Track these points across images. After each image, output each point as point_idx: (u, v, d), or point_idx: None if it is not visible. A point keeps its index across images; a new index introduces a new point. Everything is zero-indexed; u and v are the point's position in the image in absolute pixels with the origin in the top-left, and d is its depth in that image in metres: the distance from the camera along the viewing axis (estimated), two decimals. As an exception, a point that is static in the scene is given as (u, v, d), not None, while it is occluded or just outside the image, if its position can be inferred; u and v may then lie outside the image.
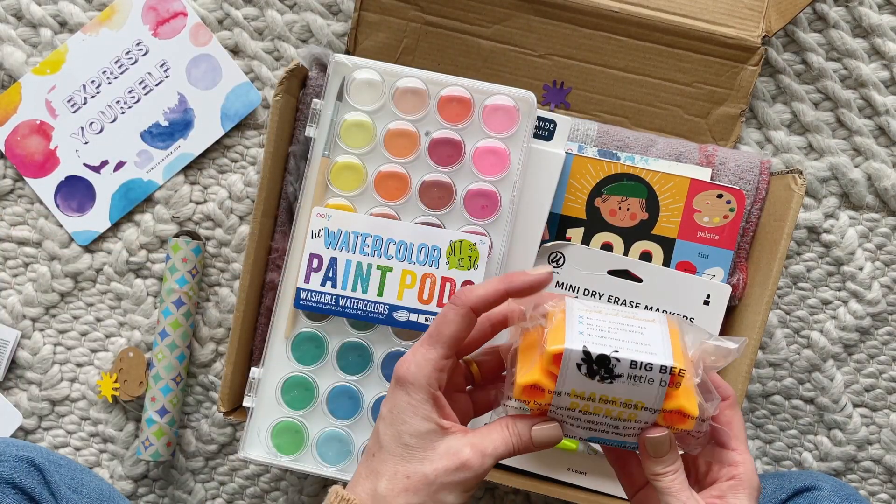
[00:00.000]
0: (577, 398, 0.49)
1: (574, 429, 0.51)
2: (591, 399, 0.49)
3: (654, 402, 0.49)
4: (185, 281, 0.79)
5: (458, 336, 0.51)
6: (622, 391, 0.49)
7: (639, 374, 0.48)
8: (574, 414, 0.50)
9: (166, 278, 0.80)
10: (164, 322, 0.79)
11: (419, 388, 0.50)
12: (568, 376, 0.49)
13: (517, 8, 0.77)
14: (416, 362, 0.50)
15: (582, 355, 0.48)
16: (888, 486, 0.83)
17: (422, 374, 0.50)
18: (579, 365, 0.48)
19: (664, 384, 0.49)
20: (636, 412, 0.49)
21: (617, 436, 0.51)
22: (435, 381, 0.50)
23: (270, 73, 0.81)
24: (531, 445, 0.51)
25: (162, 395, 0.79)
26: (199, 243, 0.80)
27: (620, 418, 0.50)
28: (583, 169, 0.73)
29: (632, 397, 0.49)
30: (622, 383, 0.49)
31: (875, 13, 0.79)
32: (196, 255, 0.80)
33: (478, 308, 0.51)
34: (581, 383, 0.49)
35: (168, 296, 0.79)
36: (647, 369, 0.48)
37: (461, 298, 0.51)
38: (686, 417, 0.49)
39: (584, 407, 0.49)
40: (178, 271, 0.79)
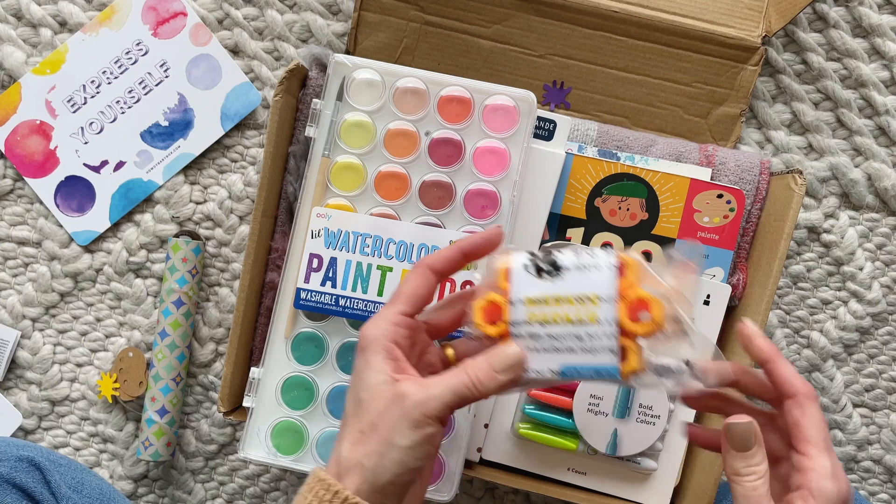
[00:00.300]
0: (531, 305, 0.49)
1: (541, 356, 0.49)
2: (545, 302, 0.48)
3: (608, 287, 0.47)
4: (185, 281, 0.79)
5: (416, 292, 0.51)
6: (573, 285, 0.48)
7: (585, 262, 0.48)
8: (535, 330, 0.49)
9: (166, 278, 0.80)
10: (164, 322, 0.79)
11: (374, 343, 0.50)
12: (519, 282, 0.49)
13: (517, 8, 0.77)
14: (374, 321, 0.51)
15: (528, 256, 0.50)
16: (888, 486, 0.83)
17: (378, 330, 0.50)
18: (526, 266, 0.49)
19: (612, 267, 0.48)
20: (594, 309, 0.48)
21: (587, 355, 0.49)
22: (390, 335, 0.50)
23: (270, 73, 0.81)
24: (493, 374, 0.49)
25: (162, 395, 0.79)
26: (199, 243, 0.80)
27: (580, 321, 0.48)
28: (583, 169, 0.73)
29: (584, 290, 0.48)
30: (570, 276, 0.48)
31: (875, 13, 0.79)
32: (196, 255, 0.80)
33: (435, 266, 0.52)
34: (532, 286, 0.49)
35: (168, 296, 0.79)
36: (590, 255, 0.48)
37: (421, 260, 0.53)
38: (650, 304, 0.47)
39: (541, 316, 0.48)
40: (178, 271, 0.79)
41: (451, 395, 0.48)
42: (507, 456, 0.74)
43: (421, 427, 0.48)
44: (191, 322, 0.81)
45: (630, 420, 0.71)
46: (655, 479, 0.73)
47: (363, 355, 0.50)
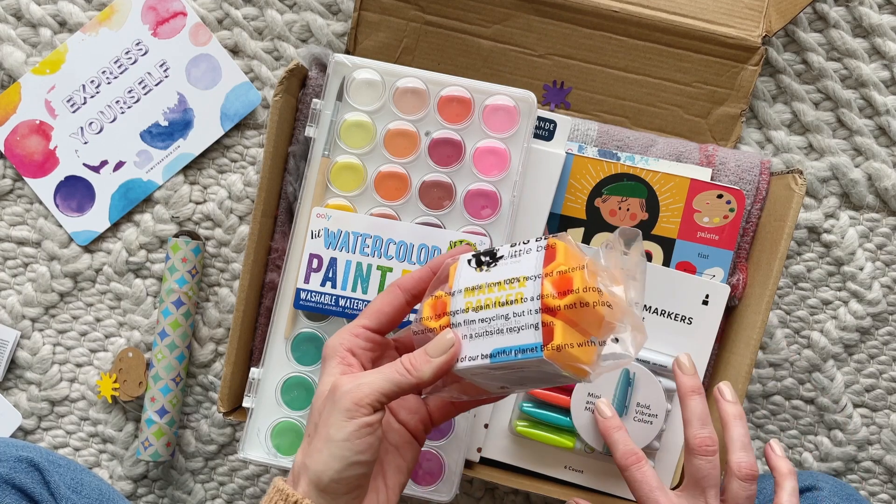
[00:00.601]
0: (468, 294, 0.50)
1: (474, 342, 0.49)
2: (480, 290, 0.50)
3: (534, 268, 0.48)
4: (185, 281, 0.79)
5: (381, 308, 0.53)
6: (505, 271, 0.50)
7: (518, 250, 0.50)
8: (469, 317, 0.50)
9: (166, 278, 0.80)
10: (164, 322, 0.79)
11: (332, 353, 0.52)
12: (461, 276, 0.51)
13: (517, 8, 0.77)
14: (336, 334, 0.53)
15: (472, 254, 0.52)
16: (888, 487, 0.83)
17: (336, 340, 0.52)
18: (469, 261, 0.51)
19: (541, 249, 0.49)
20: (521, 290, 0.48)
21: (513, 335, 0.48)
22: (347, 343, 0.52)
23: (270, 73, 0.81)
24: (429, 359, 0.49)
25: (161, 395, 0.79)
26: (199, 243, 0.80)
27: (508, 302, 0.48)
28: (583, 169, 0.73)
29: (514, 273, 0.49)
30: (504, 263, 0.50)
31: (875, 13, 0.79)
32: (196, 255, 0.80)
33: (403, 284, 0.54)
34: (471, 277, 0.51)
35: (168, 296, 0.79)
36: (524, 243, 0.50)
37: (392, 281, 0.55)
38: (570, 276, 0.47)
39: (476, 303, 0.50)
40: (178, 271, 0.79)
41: (384, 382, 0.49)
42: (505, 453, 0.74)
43: (353, 416, 0.48)
44: (190, 322, 0.81)
45: (627, 419, 0.71)
46: (655, 479, 0.73)
47: (322, 365, 0.53)
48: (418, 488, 0.69)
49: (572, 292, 0.47)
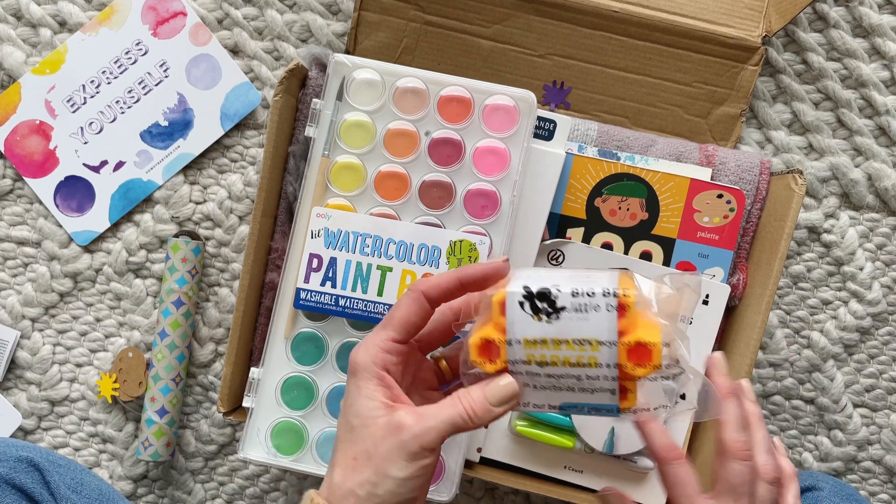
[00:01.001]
0: (530, 347, 0.47)
1: (539, 392, 0.48)
2: (545, 344, 0.47)
3: (608, 332, 0.46)
4: (185, 281, 0.79)
5: (408, 319, 0.50)
6: (572, 328, 0.46)
7: (583, 303, 0.46)
8: (533, 370, 0.48)
9: (166, 278, 0.80)
10: (164, 322, 0.79)
11: (364, 369, 0.50)
12: (515, 321, 0.47)
13: (517, 8, 0.77)
14: (364, 346, 0.50)
15: (523, 293, 0.47)
16: (888, 487, 0.83)
17: (368, 356, 0.50)
18: (522, 303, 0.47)
19: (612, 309, 0.46)
20: (594, 354, 0.46)
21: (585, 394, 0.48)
22: (380, 362, 0.50)
23: (270, 73, 0.81)
24: (488, 407, 0.48)
25: (161, 395, 0.79)
26: (199, 243, 0.80)
27: (580, 364, 0.47)
28: (583, 169, 0.73)
29: (583, 334, 0.46)
30: (569, 318, 0.46)
31: (875, 13, 0.79)
32: (195, 255, 0.80)
33: (430, 294, 0.50)
34: (529, 327, 0.47)
35: (167, 296, 0.79)
36: (589, 295, 0.46)
37: (415, 285, 0.51)
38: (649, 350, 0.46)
39: (540, 358, 0.47)
40: (178, 271, 0.79)
41: (447, 426, 0.48)
42: (505, 453, 0.74)
43: (417, 458, 0.47)
44: (190, 322, 0.81)
45: (627, 419, 0.71)
46: (652, 478, 0.73)
47: (354, 380, 0.50)
48: (418, 488, 0.69)
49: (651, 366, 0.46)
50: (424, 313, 0.51)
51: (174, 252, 0.79)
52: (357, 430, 0.49)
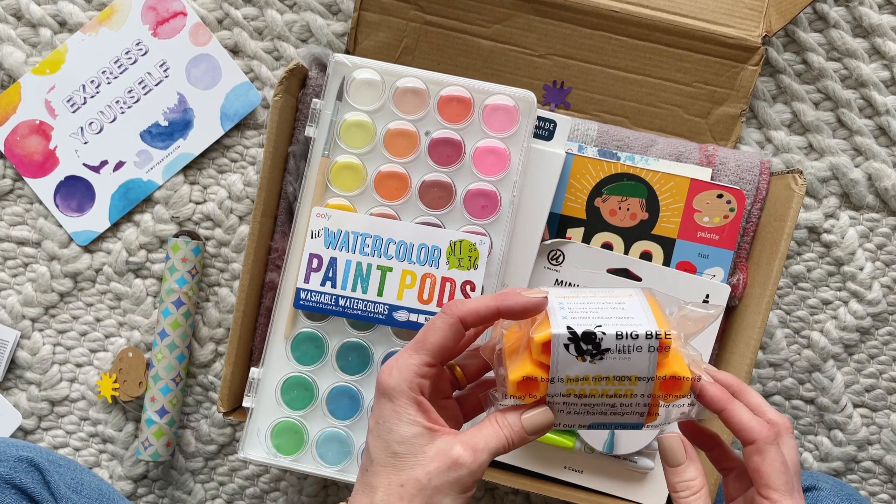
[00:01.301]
0: (571, 383, 0.49)
1: (572, 416, 0.50)
2: (586, 381, 0.49)
3: (648, 370, 0.49)
4: (185, 281, 0.79)
5: (444, 345, 0.50)
6: (614, 367, 0.49)
7: (627, 345, 0.48)
8: (570, 400, 0.49)
9: (166, 278, 0.80)
10: (164, 322, 0.79)
11: (401, 393, 0.49)
12: (559, 361, 0.49)
13: (517, 8, 0.77)
14: (398, 368, 0.49)
15: (568, 335, 0.48)
16: (888, 487, 0.83)
17: (403, 378, 0.49)
18: (567, 346, 0.48)
19: (653, 350, 0.48)
20: (632, 387, 0.49)
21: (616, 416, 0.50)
22: (416, 387, 0.49)
23: (270, 72, 0.81)
24: (525, 435, 0.49)
25: (161, 395, 0.79)
26: (199, 243, 0.80)
27: (617, 395, 0.49)
28: (583, 169, 0.73)
29: (625, 371, 0.49)
30: (612, 358, 0.48)
31: (875, 13, 0.79)
32: (195, 255, 0.80)
33: (466, 320, 0.50)
34: (573, 366, 0.49)
35: (167, 296, 0.79)
36: (633, 338, 0.48)
37: (451, 309, 0.50)
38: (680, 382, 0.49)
39: (579, 391, 0.49)
40: (178, 271, 0.79)
41: (492, 456, 0.49)
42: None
43: (469, 490, 0.48)
44: (190, 322, 0.81)
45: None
46: (652, 478, 0.73)
47: (390, 404, 0.49)
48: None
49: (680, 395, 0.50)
50: (460, 339, 0.50)
51: (174, 252, 0.79)
52: (403, 458, 0.48)
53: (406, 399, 0.49)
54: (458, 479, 0.48)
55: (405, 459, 0.48)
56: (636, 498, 0.74)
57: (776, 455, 0.49)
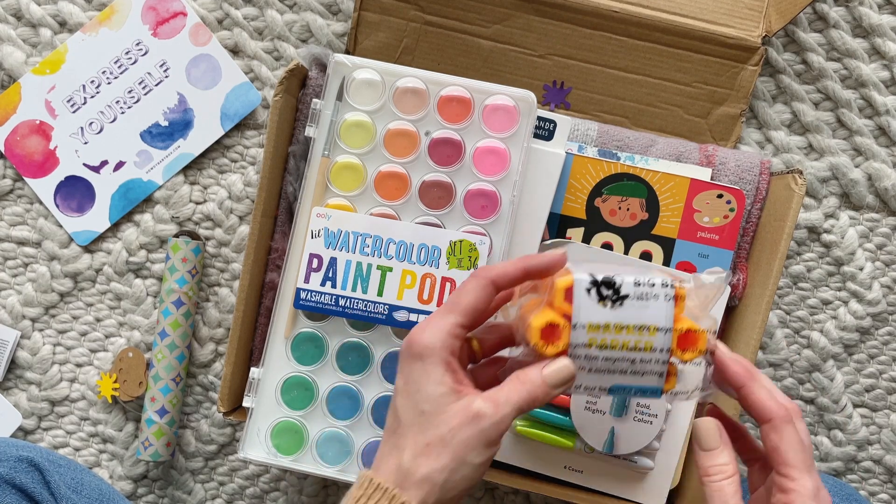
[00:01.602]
0: (593, 331, 0.50)
1: (593, 376, 0.51)
2: (607, 329, 0.50)
3: (665, 319, 0.51)
4: (185, 281, 0.79)
5: (476, 306, 0.51)
6: (633, 315, 0.50)
7: (645, 292, 0.51)
8: (592, 353, 0.51)
9: (166, 278, 0.80)
10: (164, 322, 0.79)
11: (432, 353, 0.50)
12: (581, 307, 0.50)
13: (517, 8, 0.77)
14: (430, 330, 0.50)
15: (589, 279, 0.50)
16: (888, 487, 0.83)
17: (436, 339, 0.50)
18: (588, 290, 0.50)
19: (669, 298, 0.51)
20: (651, 339, 0.51)
21: (636, 377, 0.52)
22: (448, 347, 0.50)
23: (270, 73, 0.81)
24: (547, 389, 0.50)
25: (161, 395, 0.79)
26: (199, 243, 0.80)
27: (637, 348, 0.51)
28: (583, 169, 0.73)
29: (644, 320, 0.51)
30: (631, 305, 0.51)
31: (875, 13, 0.79)
32: (196, 255, 0.80)
33: (498, 282, 0.51)
34: (594, 312, 0.50)
35: (167, 296, 0.79)
36: (650, 285, 0.51)
37: (482, 272, 0.51)
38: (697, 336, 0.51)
39: (601, 342, 0.50)
40: (178, 271, 0.79)
41: (516, 411, 0.49)
42: (505, 453, 0.74)
43: (493, 445, 0.49)
44: (190, 322, 0.81)
45: (627, 419, 0.71)
46: (652, 478, 0.73)
47: (420, 364, 0.50)
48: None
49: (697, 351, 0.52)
50: (490, 301, 0.52)
51: (174, 252, 0.79)
52: (431, 417, 0.49)
53: (437, 359, 0.50)
54: (481, 432, 0.48)
55: (431, 418, 0.49)
56: (636, 498, 0.74)
57: (793, 433, 0.49)
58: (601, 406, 0.71)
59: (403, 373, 0.51)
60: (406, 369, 0.50)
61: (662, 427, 0.71)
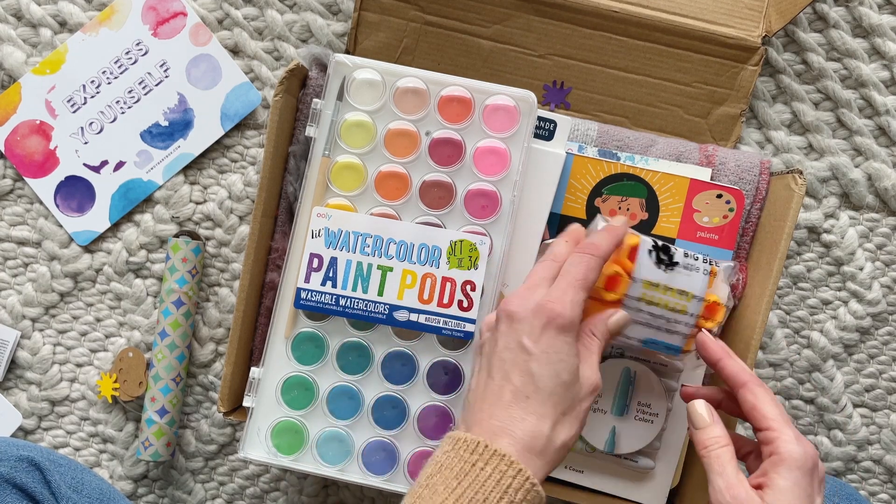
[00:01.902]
0: (646, 287, 0.61)
1: (636, 327, 0.62)
2: (657, 288, 0.61)
3: (701, 290, 0.63)
4: (185, 281, 0.79)
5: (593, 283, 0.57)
6: (679, 280, 0.62)
7: (690, 263, 0.63)
8: (640, 307, 0.61)
9: (166, 278, 0.80)
10: (164, 322, 0.79)
11: (573, 327, 0.53)
12: (643, 264, 0.61)
13: (517, 8, 0.77)
14: (571, 304, 0.54)
15: (653, 242, 0.62)
16: (888, 487, 0.83)
17: (577, 315, 0.54)
18: (650, 251, 0.61)
19: (707, 272, 0.64)
20: (687, 304, 0.62)
21: (667, 334, 0.63)
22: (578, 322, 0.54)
23: (270, 73, 0.81)
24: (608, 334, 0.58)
25: (161, 395, 0.79)
26: (199, 243, 0.80)
27: (675, 309, 0.62)
28: (583, 169, 0.73)
29: (686, 286, 0.62)
30: (679, 272, 0.62)
31: (875, 13, 0.79)
32: (196, 255, 0.80)
33: (605, 256, 0.58)
34: (651, 271, 0.61)
35: (168, 296, 0.79)
36: (695, 258, 0.63)
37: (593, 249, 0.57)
38: (718, 308, 0.64)
39: (650, 298, 0.61)
40: (178, 271, 0.79)
41: None
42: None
43: None
44: (191, 322, 0.81)
45: (629, 418, 0.71)
46: (653, 478, 0.73)
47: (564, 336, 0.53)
48: (418, 488, 0.69)
49: (716, 321, 0.64)
50: None
51: (174, 252, 0.79)
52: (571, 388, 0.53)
53: (574, 333, 0.54)
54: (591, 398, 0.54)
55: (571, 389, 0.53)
56: (636, 498, 0.74)
57: (766, 392, 0.55)
58: (602, 405, 0.71)
59: (543, 341, 0.53)
60: (548, 338, 0.53)
61: (663, 426, 0.71)
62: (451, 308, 0.68)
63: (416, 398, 0.69)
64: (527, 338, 0.53)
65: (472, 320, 0.67)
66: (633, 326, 0.61)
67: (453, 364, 0.69)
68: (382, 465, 0.69)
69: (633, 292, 0.60)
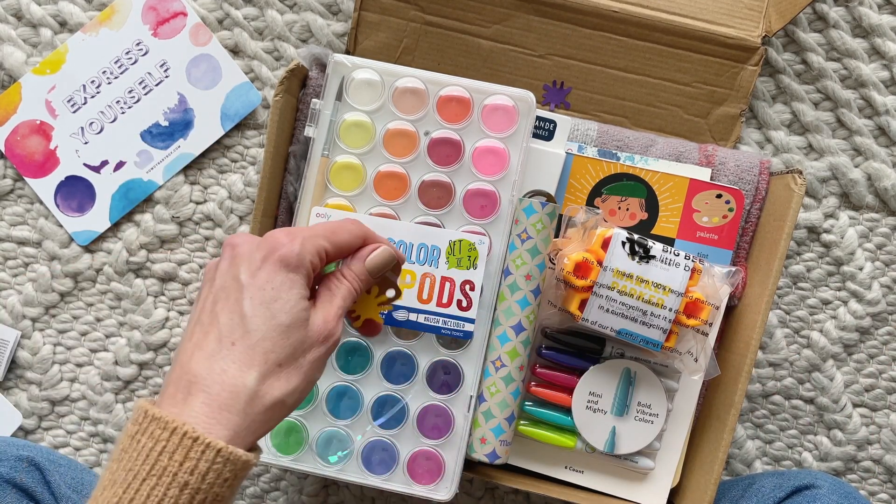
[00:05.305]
0: (617, 276, 0.62)
1: (607, 315, 0.63)
2: (630, 278, 0.62)
3: (680, 285, 0.63)
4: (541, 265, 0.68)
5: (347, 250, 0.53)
6: (655, 273, 0.62)
7: (669, 258, 0.63)
8: (612, 295, 0.62)
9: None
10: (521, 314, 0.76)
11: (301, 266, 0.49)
12: (614, 254, 0.62)
13: (517, 8, 0.77)
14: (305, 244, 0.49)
15: (626, 235, 0.63)
16: (888, 486, 0.83)
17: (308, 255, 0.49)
18: (623, 244, 0.62)
19: (688, 269, 0.63)
20: (664, 297, 0.63)
21: (644, 327, 0.63)
22: (314, 267, 0.50)
23: (270, 73, 0.81)
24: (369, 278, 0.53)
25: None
26: (555, 206, 0.69)
27: (651, 302, 0.62)
28: (583, 169, 0.73)
29: (662, 280, 0.62)
30: (655, 265, 0.62)
31: (875, 13, 0.79)
32: (550, 221, 0.68)
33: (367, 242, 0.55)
34: (623, 262, 0.62)
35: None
36: (675, 255, 0.63)
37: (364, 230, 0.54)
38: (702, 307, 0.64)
39: (622, 287, 0.62)
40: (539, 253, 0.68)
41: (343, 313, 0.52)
42: (507, 456, 0.74)
43: None
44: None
45: (628, 418, 0.71)
46: (652, 478, 0.73)
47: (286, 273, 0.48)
48: (418, 487, 0.69)
49: (698, 319, 0.65)
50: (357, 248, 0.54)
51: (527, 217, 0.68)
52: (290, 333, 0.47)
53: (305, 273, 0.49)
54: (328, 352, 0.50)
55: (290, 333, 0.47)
56: (636, 498, 0.74)
57: None
58: (602, 405, 0.71)
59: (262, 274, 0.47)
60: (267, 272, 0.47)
61: (663, 427, 0.71)
62: (451, 308, 0.68)
63: (416, 398, 0.69)
64: (245, 270, 0.47)
65: (472, 320, 0.67)
66: (607, 315, 0.63)
67: (453, 364, 0.69)
68: (382, 465, 0.69)
69: (603, 280, 0.62)
